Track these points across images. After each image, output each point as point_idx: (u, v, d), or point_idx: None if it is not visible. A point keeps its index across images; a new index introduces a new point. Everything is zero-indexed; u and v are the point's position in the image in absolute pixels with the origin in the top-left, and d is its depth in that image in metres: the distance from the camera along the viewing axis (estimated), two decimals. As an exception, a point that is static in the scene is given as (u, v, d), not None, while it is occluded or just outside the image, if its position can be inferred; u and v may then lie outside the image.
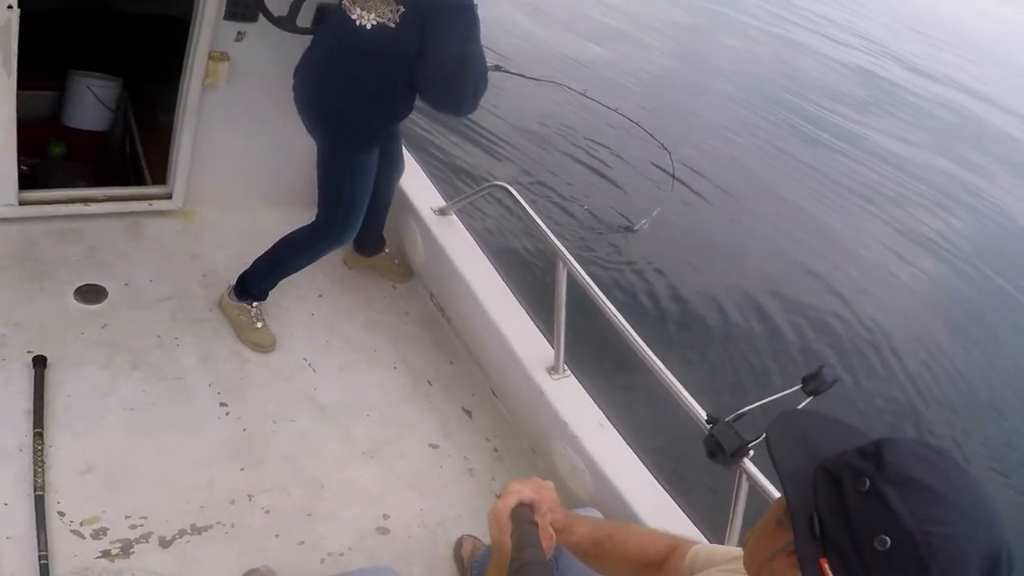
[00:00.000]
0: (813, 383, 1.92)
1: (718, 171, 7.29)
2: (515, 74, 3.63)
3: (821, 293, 6.09)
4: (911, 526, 0.87)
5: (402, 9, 2.35)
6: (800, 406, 1.77)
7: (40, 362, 2.49)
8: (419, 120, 6.08)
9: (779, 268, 6.24)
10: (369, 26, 2.41)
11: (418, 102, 2.67)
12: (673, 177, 6.13)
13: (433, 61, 2.41)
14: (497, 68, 3.05)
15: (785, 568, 1.00)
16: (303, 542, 2.31)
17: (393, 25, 2.38)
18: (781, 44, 14.12)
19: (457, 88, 2.46)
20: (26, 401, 2.38)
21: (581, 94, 3.62)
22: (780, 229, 6.93)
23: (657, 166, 6.88)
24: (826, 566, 0.91)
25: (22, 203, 2.95)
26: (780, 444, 1.03)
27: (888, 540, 0.87)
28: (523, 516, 1.35)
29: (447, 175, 5.58)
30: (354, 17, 2.43)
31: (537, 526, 1.34)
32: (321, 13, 2.88)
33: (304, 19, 2.88)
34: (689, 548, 1.51)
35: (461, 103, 2.52)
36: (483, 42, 2.45)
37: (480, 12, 2.38)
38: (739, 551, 1.27)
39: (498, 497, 1.38)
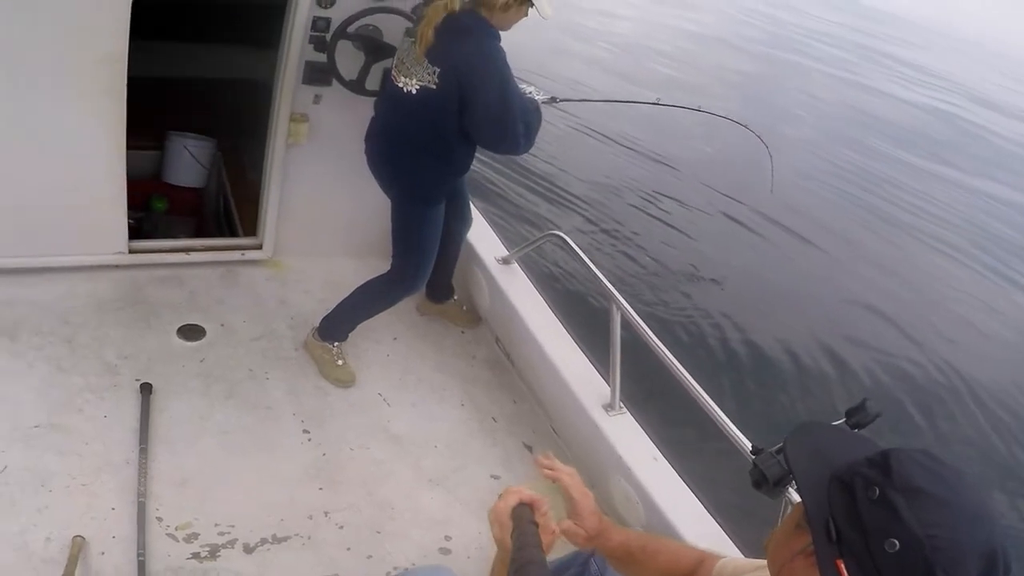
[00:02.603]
0: (857, 416, 2.02)
1: (791, 216, 7.29)
2: (576, 100, 3.65)
3: (900, 339, 5.98)
4: (917, 530, 0.97)
5: (438, 69, 2.60)
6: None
7: (147, 389, 2.80)
8: (489, 173, 6.39)
9: (854, 314, 6.18)
10: (414, 90, 2.67)
11: (483, 154, 2.90)
12: (744, 226, 6.16)
13: (478, 109, 2.63)
14: (553, 100, 3.18)
15: (805, 568, 1.10)
16: (371, 556, 2.51)
17: (434, 86, 2.63)
18: (851, 88, 13.96)
19: (507, 129, 2.65)
20: (134, 422, 2.68)
21: (654, 103, 3.58)
22: (856, 275, 6.85)
23: (727, 215, 6.94)
24: (842, 567, 1.01)
25: (131, 252, 3.33)
26: (797, 456, 1.16)
27: (897, 543, 0.97)
28: (523, 515, 1.39)
29: (514, 224, 5.83)
30: (400, 84, 2.71)
31: (537, 526, 1.39)
32: (387, 76, 3.14)
33: (372, 82, 3.17)
34: (716, 561, 1.62)
35: (515, 142, 2.71)
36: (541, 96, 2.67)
37: (531, 67, 2.61)
38: (764, 561, 1.36)
39: (499, 497, 1.44)
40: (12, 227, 3.03)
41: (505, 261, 3.54)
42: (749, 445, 2.28)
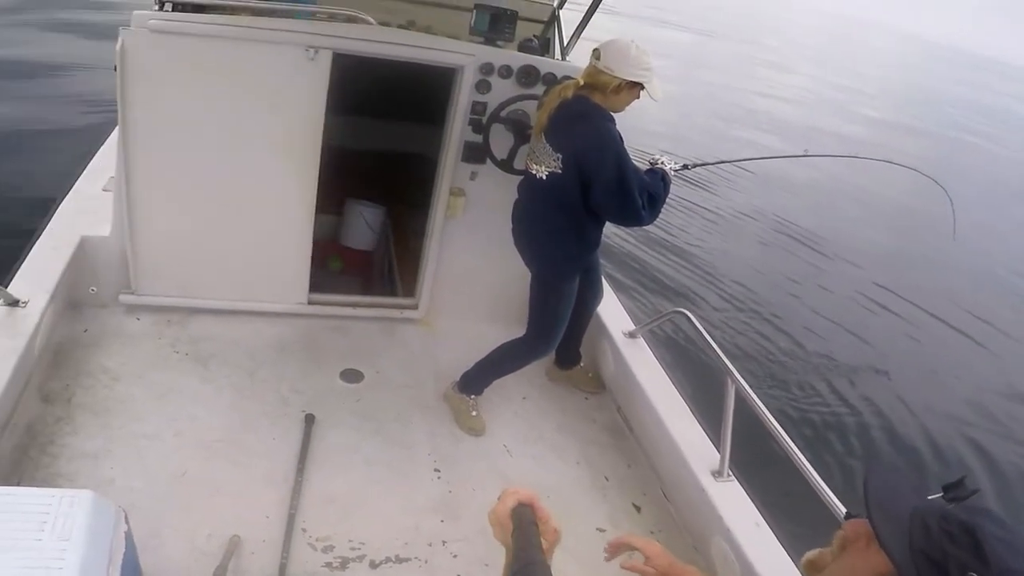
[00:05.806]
0: (955, 491, 2.13)
1: (946, 305, 7.10)
2: (712, 164, 3.77)
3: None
4: None
5: (560, 155, 2.94)
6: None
7: (310, 420, 3.29)
8: (629, 247, 6.65)
9: (1011, 409, 5.92)
10: (544, 176, 3.03)
11: (621, 229, 3.18)
12: (900, 321, 6.03)
13: (599, 188, 2.90)
14: (686, 167, 3.34)
15: None
16: (479, 585, 2.82)
17: (560, 171, 2.96)
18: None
19: (627, 203, 2.89)
20: (296, 446, 3.16)
21: (802, 156, 3.64)
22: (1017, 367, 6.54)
23: (879, 303, 6.76)
24: None
25: (310, 303, 3.88)
26: (882, 526, 1.21)
27: None
28: (524, 516, 1.41)
29: (648, 297, 6.03)
30: (533, 171, 3.08)
31: (538, 526, 1.42)
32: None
33: (519, 162, 3.52)
34: None
35: (637, 215, 2.93)
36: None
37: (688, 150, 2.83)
38: None
39: (498, 499, 1.48)
40: (217, 275, 3.66)
41: (631, 335, 3.82)
42: (843, 510, 2.43)
